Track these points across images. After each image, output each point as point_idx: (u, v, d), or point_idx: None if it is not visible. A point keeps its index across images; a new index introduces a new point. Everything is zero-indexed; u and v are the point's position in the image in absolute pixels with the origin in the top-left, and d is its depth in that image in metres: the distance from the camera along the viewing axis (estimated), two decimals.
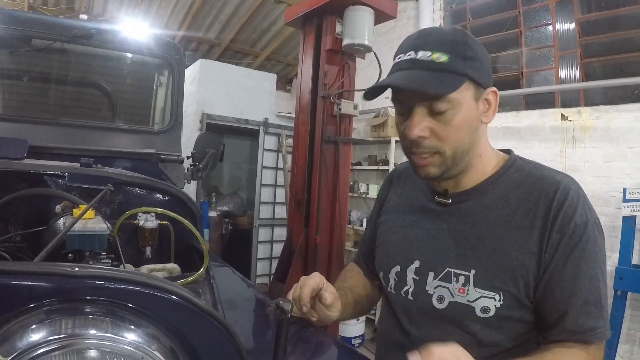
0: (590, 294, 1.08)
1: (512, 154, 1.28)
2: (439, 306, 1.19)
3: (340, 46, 4.19)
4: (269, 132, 7.79)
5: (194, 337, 0.83)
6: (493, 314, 1.12)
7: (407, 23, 6.97)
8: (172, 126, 3.11)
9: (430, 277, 1.23)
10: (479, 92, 1.15)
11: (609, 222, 4.49)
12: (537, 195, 1.14)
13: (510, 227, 1.14)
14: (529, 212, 1.13)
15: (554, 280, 1.09)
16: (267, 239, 8.03)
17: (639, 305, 4.24)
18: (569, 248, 1.08)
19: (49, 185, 1.89)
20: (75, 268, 0.76)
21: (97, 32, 2.88)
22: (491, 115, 1.19)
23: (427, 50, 1.10)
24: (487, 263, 1.14)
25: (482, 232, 1.17)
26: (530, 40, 5.69)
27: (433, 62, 1.09)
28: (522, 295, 1.11)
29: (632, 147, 4.42)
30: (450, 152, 1.14)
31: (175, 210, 1.90)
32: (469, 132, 1.15)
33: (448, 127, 1.12)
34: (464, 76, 1.10)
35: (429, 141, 1.13)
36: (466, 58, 1.11)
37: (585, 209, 1.12)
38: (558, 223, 1.09)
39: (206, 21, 8.35)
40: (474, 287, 1.14)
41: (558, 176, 1.17)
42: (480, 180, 1.23)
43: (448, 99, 1.09)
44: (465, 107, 1.12)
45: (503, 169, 1.23)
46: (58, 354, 0.72)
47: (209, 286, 1.64)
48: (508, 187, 1.19)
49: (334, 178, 4.28)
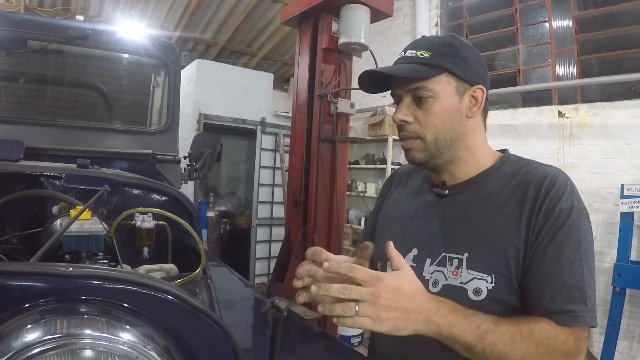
0: (571, 278, 1.09)
1: (507, 152, 1.36)
2: (433, 290, 1.22)
3: (336, 45, 4.19)
4: (266, 131, 7.78)
5: (189, 337, 0.83)
6: (485, 296, 1.15)
7: (403, 21, 6.97)
8: (168, 126, 3.10)
9: (427, 263, 1.28)
10: (464, 87, 1.26)
11: (607, 218, 4.50)
12: (527, 184, 1.20)
13: (502, 213, 1.20)
14: (519, 199, 1.19)
15: (535, 261, 1.12)
16: (265, 238, 8.02)
17: (638, 302, 4.25)
18: (552, 231, 1.12)
19: (45, 186, 1.88)
20: (69, 268, 0.76)
21: (93, 32, 2.88)
22: (477, 111, 1.28)
23: (415, 49, 1.27)
24: (479, 246, 1.19)
25: (475, 218, 1.23)
26: (527, 38, 5.69)
27: (417, 57, 1.25)
28: (513, 277, 1.14)
29: (630, 143, 4.43)
30: (431, 138, 1.26)
31: (173, 210, 1.89)
32: (450, 122, 1.26)
33: (428, 114, 1.25)
34: (441, 69, 1.23)
35: (412, 126, 1.27)
36: (448, 55, 1.24)
37: (571, 197, 1.16)
38: (544, 207, 1.14)
39: (202, 21, 8.35)
40: (467, 269, 1.18)
41: (548, 168, 1.24)
42: (475, 173, 1.31)
43: (428, 88, 1.23)
44: (445, 98, 1.24)
45: (498, 164, 1.31)
46: (53, 354, 0.72)
47: (206, 286, 1.63)
48: (502, 180, 1.26)
49: (331, 177, 4.29)
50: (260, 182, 7.81)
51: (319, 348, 1.37)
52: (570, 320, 1.06)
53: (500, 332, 1.03)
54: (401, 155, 6.02)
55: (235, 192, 9.17)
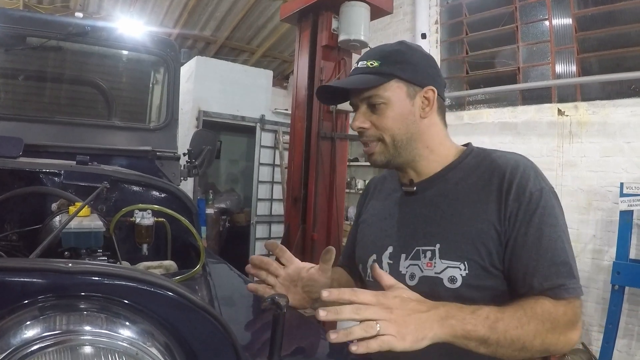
0: (556, 255, 1.14)
1: (470, 145, 1.41)
2: (410, 283, 1.26)
3: (336, 42, 4.19)
4: (266, 128, 7.78)
5: (189, 333, 0.83)
6: (460, 284, 1.18)
7: (403, 19, 6.96)
8: (168, 123, 3.09)
9: (403, 258, 1.32)
10: (414, 90, 1.33)
11: (606, 216, 4.51)
12: (491, 172, 1.25)
13: (469, 202, 1.25)
14: (485, 187, 1.24)
15: (519, 247, 1.16)
16: (264, 235, 8.03)
17: (637, 300, 4.26)
18: (528, 215, 1.16)
19: (44, 183, 1.88)
20: (69, 264, 0.76)
21: (92, 29, 2.87)
22: (429, 111, 1.34)
23: (365, 60, 1.35)
24: (450, 236, 1.23)
25: (444, 210, 1.28)
26: (527, 36, 5.69)
27: (367, 67, 1.33)
28: (486, 263, 1.18)
29: (629, 141, 4.43)
30: (389, 140, 1.33)
31: (172, 207, 1.89)
32: (405, 124, 1.32)
33: (383, 118, 1.31)
34: (390, 75, 1.30)
35: (371, 131, 1.34)
36: (396, 62, 1.31)
37: (538, 179, 1.21)
38: (513, 193, 1.18)
39: (202, 18, 8.34)
40: (440, 259, 1.22)
41: (510, 155, 1.30)
42: (440, 168, 1.36)
43: (380, 95, 1.30)
44: (397, 102, 1.31)
45: (461, 157, 1.36)
46: (52, 351, 0.71)
47: (205, 283, 1.64)
48: (466, 171, 1.32)
49: (330, 174, 4.29)
50: (260, 179, 7.82)
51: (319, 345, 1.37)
52: (564, 293, 1.11)
53: (508, 318, 1.05)
54: None
55: (234, 190, 9.17)
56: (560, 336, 1.09)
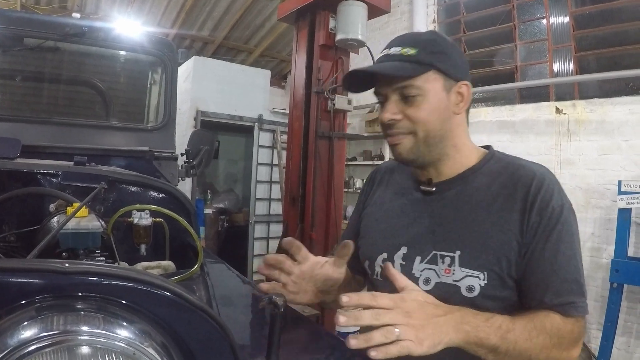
0: (568, 272, 1.14)
1: (491, 148, 1.37)
2: (425, 288, 1.22)
3: (333, 41, 4.18)
4: (264, 128, 7.77)
5: (187, 333, 0.83)
6: (478, 293, 1.17)
7: (400, 18, 6.96)
8: (165, 123, 3.09)
9: (417, 261, 1.28)
10: (449, 83, 1.26)
11: (604, 214, 4.51)
12: (515, 181, 1.22)
13: (492, 210, 1.21)
14: (508, 197, 1.21)
15: (535, 261, 1.15)
16: (263, 235, 8.02)
17: (635, 298, 4.26)
18: (548, 230, 1.15)
19: (42, 184, 1.88)
20: (65, 264, 0.76)
21: (90, 30, 2.86)
22: (463, 107, 1.29)
23: (399, 46, 1.25)
24: (471, 244, 1.20)
25: (465, 216, 1.24)
26: (525, 34, 5.70)
27: (402, 55, 1.23)
28: (504, 274, 1.16)
29: (627, 139, 4.43)
30: (422, 134, 1.24)
31: (170, 207, 1.88)
32: (439, 120, 1.25)
33: (419, 111, 1.23)
34: (428, 66, 1.22)
35: (403, 123, 1.25)
36: (433, 52, 1.23)
37: (560, 195, 1.19)
38: (536, 206, 1.16)
39: (199, 18, 8.34)
40: (460, 267, 1.19)
41: (534, 166, 1.25)
42: (462, 170, 1.31)
43: (416, 86, 1.21)
44: (434, 95, 1.23)
45: (484, 161, 1.32)
46: (49, 351, 0.71)
47: (203, 283, 1.63)
48: (489, 177, 1.27)
49: (328, 173, 4.28)
50: (258, 179, 7.81)
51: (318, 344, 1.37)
52: (573, 311, 1.12)
53: (519, 330, 1.06)
54: None
55: (232, 189, 9.17)
56: (563, 352, 1.11)
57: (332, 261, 1.37)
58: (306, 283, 1.36)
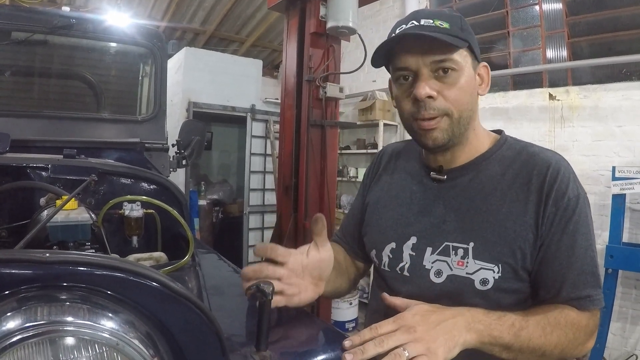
0: (585, 264, 1.12)
1: (503, 133, 1.33)
2: (436, 280, 1.20)
3: (324, 29, 4.14)
4: (256, 118, 7.74)
5: (172, 322, 0.82)
6: (491, 286, 1.14)
7: (392, 6, 6.93)
8: (156, 114, 3.08)
9: (428, 252, 1.24)
10: (475, 63, 1.21)
11: (599, 200, 4.52)
12: (530, 170, 1.18)
13: (506, 200, 1.17)
14: (523, 186, 1.17)
15: (551, 253, 1.13)
16: (257, 226, 8.01)
17: (630, 283, 4.29)
18: (564, 221, 1.13)
19: (32, 178, 1.86)
20: (46, 254, 0.75)
21: (78, 22, 2.84)
22: (485, 88, 1.25)
23: (429, 18, 1.15)
24: (485, 235, 1.16)
25: (478, 206, 1.20)
26: (517, 21, 5.68)
27: (437, 27, 1.13)
28: (519, 266, 1.14)
29: (621, 125, 4.44)
30: (457, 115, 1.17)
31: (161, 198, 1.87)
32: (471, 100, 1.20)
33: (454, 88, 1.15)
34: (465, 41, 1.15)
35: (438, 102, 1.15)
36: (463, 28, 1.16)
37: (576, 184, 1.17)
38: (552, 197, 1.13)
39: (190, 10, 8.28)
40: (474, 259, 1.16)
41: (549, 153, 1.22)
42: (474, 156, 1.27)
43: (455, 60, 1.14)
44: (467, 72, 1.17)
45: (496, 147, 1.28)
46: (34, 342, 0.70)
47: (194, 273, 1.63)
48: (502, 164, 1.23)
49: (321, 162, 4.26)
50: (252, 169, 7.79)
51: (312, 334, 1.36)
52: (589, 304, 1.11)
53: (532, 326, 1.05)
54: (392, 140, 6.01)
55: (226, 180, 9.17)
56: (579, 345, 1.10)
57: (313, 243, 1.25)
58: (301, 279, 1.23)
